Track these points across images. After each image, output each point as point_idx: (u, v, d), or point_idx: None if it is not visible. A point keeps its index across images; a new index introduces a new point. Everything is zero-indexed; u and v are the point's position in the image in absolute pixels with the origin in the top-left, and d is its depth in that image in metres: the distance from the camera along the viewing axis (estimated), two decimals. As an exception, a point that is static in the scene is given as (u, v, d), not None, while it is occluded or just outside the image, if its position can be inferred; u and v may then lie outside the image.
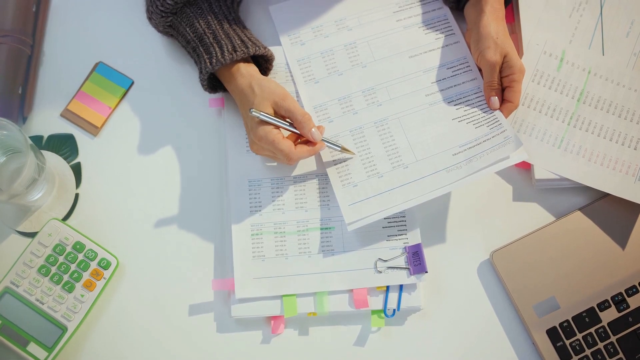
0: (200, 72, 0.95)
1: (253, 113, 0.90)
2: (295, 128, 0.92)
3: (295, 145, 0.91)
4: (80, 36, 1.04)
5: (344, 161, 0.96)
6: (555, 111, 0.99)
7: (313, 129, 0.91)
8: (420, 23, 1.03)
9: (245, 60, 0.95)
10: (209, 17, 0.95)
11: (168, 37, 1.03)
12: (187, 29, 0.96)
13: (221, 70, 0.95)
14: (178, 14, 0.97)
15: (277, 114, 0.92)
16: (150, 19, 0.99)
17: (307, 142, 0.92)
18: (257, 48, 0.95)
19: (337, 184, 0.94)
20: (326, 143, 0.93)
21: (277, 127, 0.91)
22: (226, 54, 0.93)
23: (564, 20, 1.03)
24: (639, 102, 0.99)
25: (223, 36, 0.94)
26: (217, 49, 0.94)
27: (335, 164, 0.96)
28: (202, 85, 0.97)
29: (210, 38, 0.94)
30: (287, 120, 0.92)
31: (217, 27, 0.95)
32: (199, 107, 1.01)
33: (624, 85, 1.00)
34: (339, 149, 0.94)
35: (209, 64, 0.93)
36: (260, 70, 0.97)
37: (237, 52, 0.93)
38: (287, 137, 0.91)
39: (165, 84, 1.03)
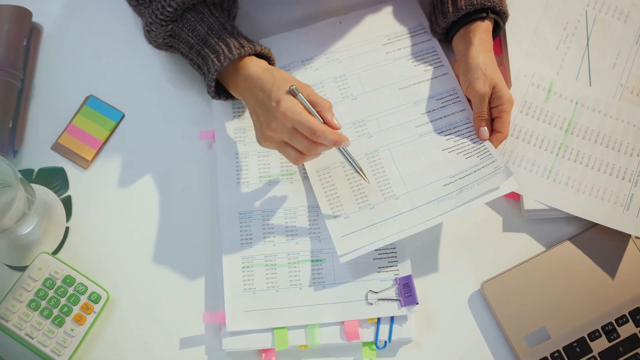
0: (209, 72, 0.94)
1: (293, 88, 0.88)
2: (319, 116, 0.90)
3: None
4: (71, 70, 1.05)
5: (335, 192, 0.96)
6: (543, 142, 0.99)
7: (335, 117, 0.90)
8: (409, 55, 1.04)
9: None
10: (211, 20, 0.95)
11: (166, 51, 1.02)
12: (190, 34, 0.95)
13: (228, 68, 0.94)
14: (179, 21, 0.96)
15: None
16: (149, 31, 0.97)
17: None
18: (262, 47, 0.95)
19: (329, 216, 0.95)
20: (344, 153, 0.92)
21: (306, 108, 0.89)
22: (234, 50, 0.92)
23: (552, 52, 1.04)
24: (626, 132, 1.00)
25: (228, 35, 0.94)
26: (223, 46, 0.93)
27: (326, 196, 0.96)
28: (209, 88, 0.95)
29: (215, 38, 0.94)
30: None
31: (220, 27, 0.95)
32: (190, 140, 1.02)
33: (611, 116, 1.01)
34: (357, 167, 0.93)
35: (216, 61, 0.92)
36: None
37: (245, 48, 0.93)
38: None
39: (155, 117, 1.03)
